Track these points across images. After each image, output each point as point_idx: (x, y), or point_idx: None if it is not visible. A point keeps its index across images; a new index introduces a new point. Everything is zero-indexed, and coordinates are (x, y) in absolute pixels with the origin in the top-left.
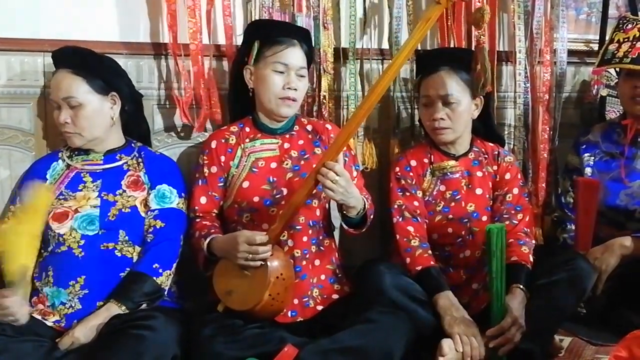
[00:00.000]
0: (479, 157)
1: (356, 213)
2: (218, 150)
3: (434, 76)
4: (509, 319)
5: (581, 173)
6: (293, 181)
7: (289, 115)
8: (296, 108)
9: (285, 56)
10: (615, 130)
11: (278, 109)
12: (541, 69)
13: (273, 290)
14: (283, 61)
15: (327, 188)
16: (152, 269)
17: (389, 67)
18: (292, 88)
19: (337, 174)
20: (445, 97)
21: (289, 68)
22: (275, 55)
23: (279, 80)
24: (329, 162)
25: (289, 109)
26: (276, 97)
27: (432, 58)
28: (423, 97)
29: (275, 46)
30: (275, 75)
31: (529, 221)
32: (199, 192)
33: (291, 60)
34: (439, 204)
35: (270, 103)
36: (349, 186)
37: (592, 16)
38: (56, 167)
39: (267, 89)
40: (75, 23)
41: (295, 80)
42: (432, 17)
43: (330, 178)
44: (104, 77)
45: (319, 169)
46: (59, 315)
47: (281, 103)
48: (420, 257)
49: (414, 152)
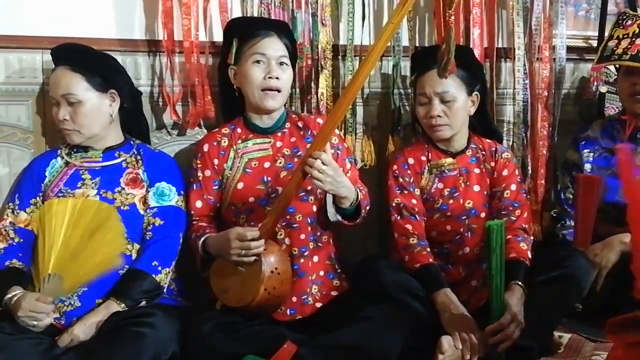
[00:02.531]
0: (477, 154)
1: (349, 204)
2: (211, 154)
3: (430, 73)
4: (508, 315)
5: (580, 169)
6: (287, 179)
7: (274, 107)
8: (282, 99)
9: (262, 47)
10: (615, 127)
11: (262, 102)
12: (540, 65)
13: (268, 284)
14: (260, 51)
15: (315, 178)
16: (151, 266)
17: (369, 53)
18: (274, 77)
19: (324, 163)
20: (442, 95)
21: (267, 58)
22: (252, 48)
23: (259, 71)
24: (315, 152)
25: (273, 101)
26: (258, 89)
27: (428, 55)
28: (419, 94)
29: (252, 39)
30: (255, 66)
31: (527, 217)
32: (194, 197)
33: (269, 50)
34: (437, 201)
35: (254, 97)
36: (338, 175)
37: (591, 12)
38: (55, 164)
39: (249, 83)
40: (74, 20)
41: (276, 69)
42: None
43: (317, 167)
44: (103, 74)
45: (306, 160)
46: (59, 312)
47: (264, 95)
48: (419, 254)
49: (411, 150)
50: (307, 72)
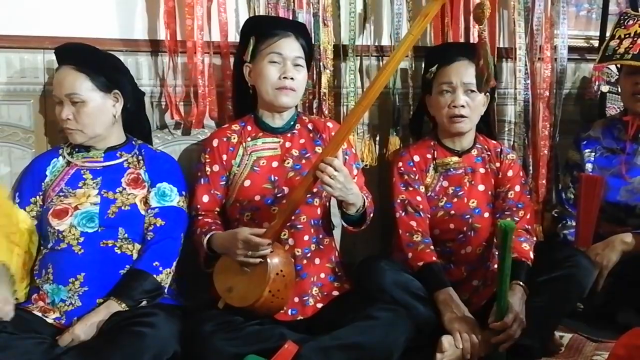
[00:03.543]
0: (482, 153)
1: (355, 210)
2: (220, 149)
3: (458, 64)
4: (511, 315)
5: (582, 169)
6: (294, 180)
7: (289, 105)
8: (296, 98)
9: (279, 46)
10: (616, 127)
11: (277, 99)
12: (541, 65)
13: (273, 286)
14: (277, 51)
15: (325, 184)
16: (153, 266)
17: (387, 63)
18: (289, 77)
19: (336, 169)
20: (468, 85)
21: (284, 58)
22: (269, 47)
23: (275, 71)
24: (327, 157)
25: (288, 98)
26: (273, 88)
27: (451, 48)
28: (442, 84)
29: (270, 39)
30: (271, 66)
31: (530, 218)
32: (201, 191)
33: (285, 51)
34: (442, 199)
35: (268, 94)
36: (348, 182)
37: (593, 12)
38: (56, 163)
39: (264, 81)
40: (75, 20)
41: (291, 70)
42: (430, 12)
43: (329, 173)
44: (107, 74)
45: (318, 165)
46: (59, 312)
47: (278, 92)
48: (422, 252)
49: (417, 148)
50: (308, 72)
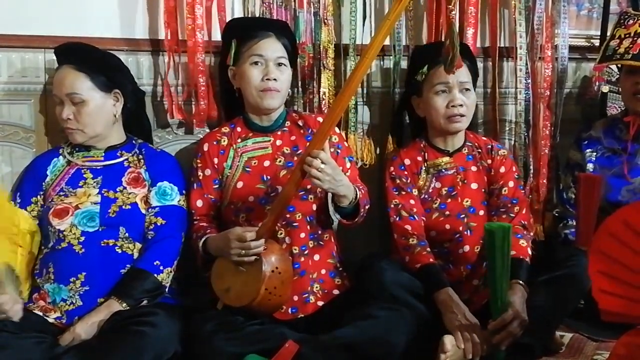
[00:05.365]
0: (473, 151)
1: (348, 203)
2: (210, 153)
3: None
4: (511, 312)
5: (583, 169)
6: (287, 178)
7: (274, 106)
8: (281, 99)
9: (260, 48)
10: (617, 126)
11: (262, 101)
12: (542, 65)
13: (269, 284)
14: (258, 52)
15: (313, 177)
16: (153, 266)
17: (367, 50)
18: (272, 78)
19: (323, 162)
20: (463, 84)
21: (265, 59)
22: (250, 49)
23: (257, 73)
24: (313, 151)
25: (272, 100)
26: (257, 90)
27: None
28: (438, 84)
29: (250, 41)
30: (253, 68)
31: (525, 213)
32: (195, 196)
33: (267, 52)
34: (435, 201)
35: (253, 97)
36: (337, 174)
37: (594, 12)
38: (57, 163)
39: (248, 83)
40: (76, 19)
41: (274, 71)
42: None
43: (316, 166)
44: (107, 74)
45: (304, 159)
46: (60, 311)
47: (263, 94)
48: (419, 254)
49: (407, 151)
50: (309, 71)
